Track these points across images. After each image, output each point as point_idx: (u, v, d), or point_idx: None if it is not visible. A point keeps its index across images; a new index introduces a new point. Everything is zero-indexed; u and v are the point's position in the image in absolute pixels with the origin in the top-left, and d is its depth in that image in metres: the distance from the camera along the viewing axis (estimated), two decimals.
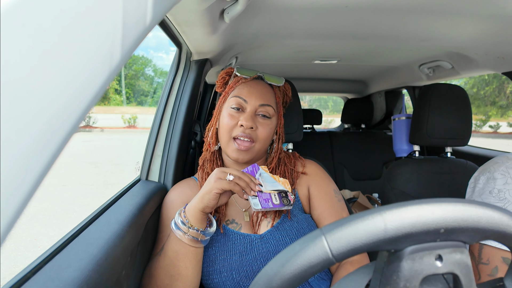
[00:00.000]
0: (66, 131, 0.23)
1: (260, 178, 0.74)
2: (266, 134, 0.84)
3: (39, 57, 0.21)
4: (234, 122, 0.83)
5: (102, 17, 0.25)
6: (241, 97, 0.84)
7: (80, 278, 0.46)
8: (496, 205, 0.36)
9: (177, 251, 0.71)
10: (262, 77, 0.90)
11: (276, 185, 0.74)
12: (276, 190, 0.73)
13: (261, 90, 0.86)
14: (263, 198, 0.71)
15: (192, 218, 0.69)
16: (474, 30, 1.09)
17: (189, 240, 0.69)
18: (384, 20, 1.03)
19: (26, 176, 0.20)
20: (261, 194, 0.71)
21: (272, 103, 0.86)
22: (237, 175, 0.69)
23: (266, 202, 0.71)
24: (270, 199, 0.71)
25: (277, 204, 0.72)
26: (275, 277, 0.34)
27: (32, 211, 3.92)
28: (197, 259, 0.72)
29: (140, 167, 1.06)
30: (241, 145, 0.81)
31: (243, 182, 0.69)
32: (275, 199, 0.72)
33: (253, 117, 0.83)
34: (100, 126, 14.88)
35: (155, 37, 52.73)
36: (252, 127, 0.81)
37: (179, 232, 0.70)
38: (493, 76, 13.07)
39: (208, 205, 0.68)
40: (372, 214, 0.34)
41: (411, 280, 0.34)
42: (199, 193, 0.70)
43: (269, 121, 0.85)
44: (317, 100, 24.39)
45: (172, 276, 0.71)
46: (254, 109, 0.83)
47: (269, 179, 0.74)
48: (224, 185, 0.67)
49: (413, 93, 2.21)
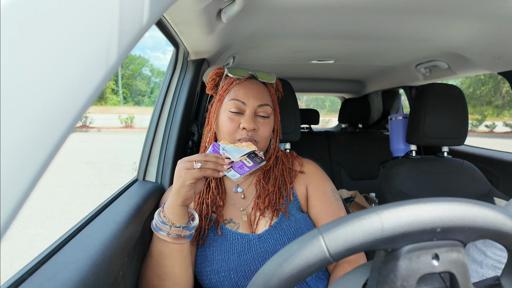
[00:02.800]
0: (62, 131, 0.23)
1: (225, 152, 0.75)
2: (267, 133, 0.85)
3: (35, 57, 0.20)
4: (236, 125, 0.82)
5: (99, 17, 0.25)
6: (239, 100, 0.84)
7: (76, 279, 0.46)
8: (491, 204, 0.36)
9: (160, 250, 0.71)
10: (255, 75, 0.90)
11: (242, 151, 0.75)
12: (244, 154, 0.74)
13: (257, 90, 0.86)
14: (237, 167, 0.73)
15: (172, 216, 0.69)
16: (470, 30, 1.09)
17: (172, 238, 0.69)
18: (381, 20, 1.03)
19: (22, 177, 0.20)
20: (233, 164, 0.73)
21: (268, 101, 0.87)
22: (202, 159, 0.69)
23: (241, 169, 0.73)
24: (244, 165, 0.74)
25: (251, 166, 0.74)
26: (273, 277, 0.34)
27: (28, 212, 3.90)
28: (183, 256, 0.72)
29: (137, 167, 1.06)
30: None
31: (211, 164, 0.69)
32: (248, 162, 0.74)
33: (253, 119, 0.83)
34: (97, 126, 14.81)
35: (152, 37, 52.56)
36: (254, 128, 0.82)
37: (161, 232, 0.69)
38: (489, 76, 13.17)
39: (187, 197, 0.68)
40: (369, 214, 0.34)
41: (408, 279, 0.34)
42: (172, 191, 0.70)
43: (268, 120, 0.86)
44: (314, 100, 24.43)
45: (159, 276, 0.71)
46: (254, 110, 0.83)
47: (233, 149, 0.75)
48: (195, 173, 0.67)
49: (410, 93, 2.22)
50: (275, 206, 0.82)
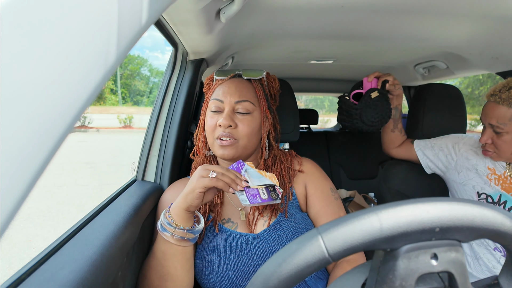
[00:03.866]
0: (61, 131, 0.23)
1: (246, 174, 0.72)
2: (248, 130, 0.83)
3: (33, 57, 0.20)
4: (214, 123, 0.83)
5: (98, 17, 0.25)
6: (218, 99, 0.84)
7: (75, 280, 0.46)
8: (490, 204, 0.36)
9: (164, 251, 0.70)
10: (240, 74, 0.90)
11: (263, 180, 0.72)
12: (263, 184, 0.71)
13: (237, 87, 0.85)
14: (251, 193, 0.70)
15: (177, 218, 0.69)
16: (468, 30, 1.09)
17: (176, 240, 0.69)
18: (380, 20, 1.03)
19: (20, 177, 0.20)
20: (248, 190, 0.70)
21: (249, 97, 0.85)
22: (221, 171, 0.68)
23: (254, 198, 0.70)
24: (258, 194, 0.71)
25: (265, 198, 0.71)
26: (272, 277, 0.34)
27: (27, 212, 3.89)
28: (185, 258, 0.71)
29: (136, 168, 1.06)
30: (223, 142, 0.81)
31: (227, 178, 0.68)
32: (263, 194, 0.71)
33: (231, 116, 0.82)
34: (96, 126, 14.78)
35: (151, 37, 52.49)
36: (230, 125, 0.81)
37: (165, 233, 0.69)
38: (488, 76, 13.19)
39: (192, 204, 0.67)
40: (368, 214, 0.34)
41: (407, 279, 0.34)
42: (182, 192, 0.69)
43: (249, 116, 0.84)
44: (313, 100, 24.43)
45: (161, 277, 0.71)
46: (231, 107, 0.83)
47: (255, 175, 0.73)
48: (206, 182, 0.66)
49: (409, 93, 2.23)
50: (273, 205, 0.82)
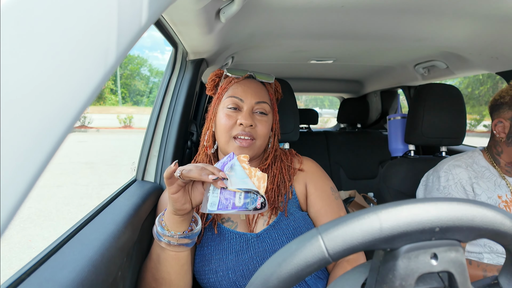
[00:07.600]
0: (61, 131, 0.23)
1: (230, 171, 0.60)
2: (265, 130, 0.84)
3: (33, 57, 0.20)
4: (233, 121, 0.82)
5: (98, 17, 0.25)
6: (237, 97, 0.84)
7: (75, 280, 0.46)
8: (490, 204, 0.36)
9: (158, 254, 0.69)
10: (253, 75, 0.90)
11: (246, 183, 0.59)
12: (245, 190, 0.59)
13: (255, 88, 0.86)
14: (225, 196, 0.59)
15: (169, 223, 0.66)
16: (468, 30, 1.10)
17: (168, 245, 0.67)
18: (380, 20, 1.03)
19: (20, 177, 0.20)
20: (224, 191, 0.59)
21: (267, 100, 0.87)
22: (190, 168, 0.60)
23: (225, 202, 0.59)
24: (233, 199, 0.59)
25: (238, 206, 0.58)
26: (272, 277, 0.34)
27: (27, 212, 3.88)
28: (179, 263, 0.69)
29: (136, 168, 1.06)
30: (242, 142, 0.80)
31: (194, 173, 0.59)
32: (239, 201, 0.59)
33: (251, 115, 0.83)
34: (96, 126, 14.76)
35: (150, 37, 52.44)
36: (251, 124, 0.81)
37: (159, 238, 0.67)
38: (488, 76, 13.18)
39: (176, 208, 0.63)
40: (368, 214, 0.34)
41: (407, 279, 0.34)
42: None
43: (266, 117, 0.85)
44: (313, 99, 24.42)
45: (156, 280, 0.70)
46: (251, 107, 0.84)
47: (240, 174, 0.60)
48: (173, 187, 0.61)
49: (409, 93, 2.23)
50: (273, 204, 0.82)
